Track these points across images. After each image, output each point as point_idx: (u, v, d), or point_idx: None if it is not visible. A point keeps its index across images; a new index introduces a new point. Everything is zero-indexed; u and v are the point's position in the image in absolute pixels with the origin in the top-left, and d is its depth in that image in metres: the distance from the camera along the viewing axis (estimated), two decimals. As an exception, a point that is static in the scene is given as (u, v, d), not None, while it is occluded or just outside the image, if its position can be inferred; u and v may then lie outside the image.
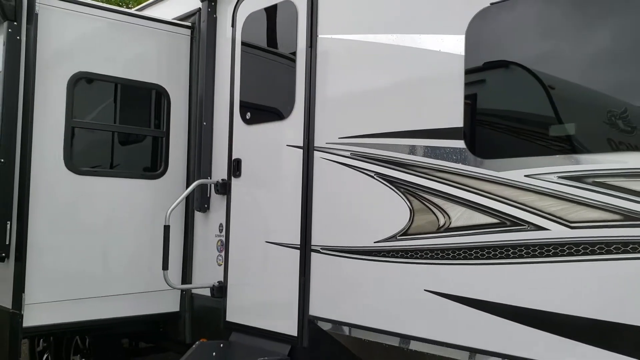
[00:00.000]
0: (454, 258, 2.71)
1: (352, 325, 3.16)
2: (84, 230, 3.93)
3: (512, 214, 2.50)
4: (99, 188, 4.03)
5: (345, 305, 3.23)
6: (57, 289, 3.78)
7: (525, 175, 2.48)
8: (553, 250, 2.37)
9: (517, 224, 2.49)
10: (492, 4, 2.64)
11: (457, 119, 2.75)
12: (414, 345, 2.85)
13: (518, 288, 2.48)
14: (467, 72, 2.71)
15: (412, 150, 2.96)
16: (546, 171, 2.41)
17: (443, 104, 2.82)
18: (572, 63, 2.39)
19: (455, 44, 2.77)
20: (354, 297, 3.19)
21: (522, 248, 2.46)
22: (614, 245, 2.20)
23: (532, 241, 2.43)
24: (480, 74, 2.71)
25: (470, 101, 2.71)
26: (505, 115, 2.66)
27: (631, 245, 2.16)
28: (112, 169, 4.36)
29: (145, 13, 5.02)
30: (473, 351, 2.63)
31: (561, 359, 2.30)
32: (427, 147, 2.90)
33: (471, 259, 2.64)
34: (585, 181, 2.30)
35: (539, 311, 2.40)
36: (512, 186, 2.51)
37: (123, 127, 4.34)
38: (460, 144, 2.73)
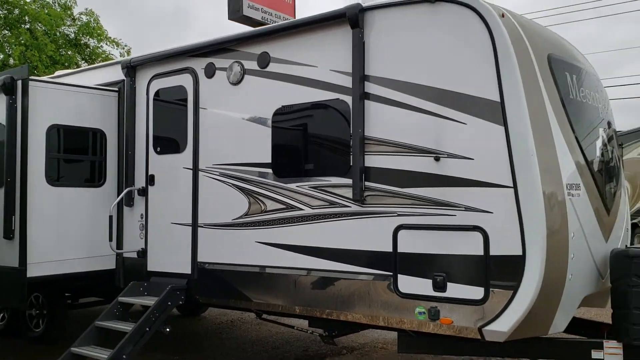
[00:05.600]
0: (267, 225, 5.68)
1: (219, 264, 6.06)
2: (56, 219, 6.49)
3: (290, 203, 5.52)
4: (64, 194, 6.60)
5: (216, 253, 6.10)
6: (44, 254, 6.33)
7: (296, 185, 5.50)
8: (305, 219, 5.40)
9: (292, 207, 5.51)
10: (282, 106, 5.64)
11: (268, 158, 5.72)
12: (250, 268, 5.80)
13: (292, 237, 5.48)
14: (272, 137, 5.70)
15: (250, 173, 5.88)
16: (304, 184, 5.44)
17: (263, 150, 5.75)
18: (315, 140, 5.47)
19: (268, 122, 5.74)
20: (221, 248, 6.07)
21: (294, 219, 5.48)
22: (327, 215, 5.28)
23: (298, 215, 5.45)
24: (277, 139, 5.69)
25: (274, 150, 5.69)
26: (289, 157, 5.68)
27: (331, 215, 5.23)
28: (71, 181, 6.87)
29: (84, 77, 7.58)
30: (279, 267, 5.60)
31: (301, 264, 5.35)
32: (256, 171, 5.83)
33: (274, 225, 5.63)
34: (318, 188, 5.34)
35: (300, 246, 5.42)
36: (290, 190, 5.52)
37: (78, 156, 6.92)
38: (270, 170, 5.71)
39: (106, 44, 21.50)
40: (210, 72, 6.24)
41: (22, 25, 18.50)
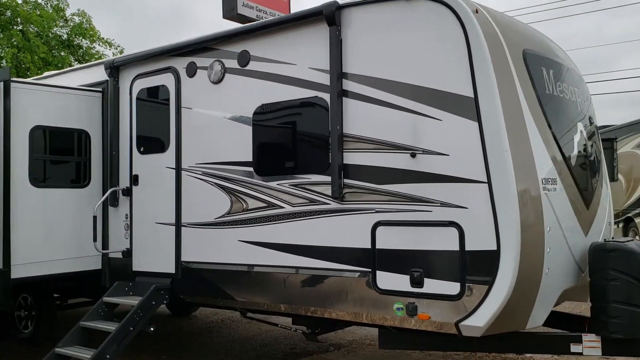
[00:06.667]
0: (249, 224, 5.70)
1: (202, 263, 6.07)
2: (41, 220, 6.50)
3: (271, 201, 5.53)
4: (49, 195, 6.61)
5: (200, 252, 6.12)
6: (28, 255, 6.34)
7: (277, 183, 5.51)
8: (287, 217, 5.42)
9: (273, 205, 5.51)
10: (262, 104, 5.65)
11: (250, 157, 5.73)
12: (233, 267, 5.81)
13: (274, 235, 5.49)
14: (253, 136, 5.71)
15: (232, 171, 5.90)
16: (284, 182, 5.45)
17: (245, 149, 5.76)
18: (295, 138, 5.48)
19: (248, 121, 5.74)
20: (204, 248, 6.08)
21: (275, 217, 5.49)
22: (307, 213, 5.28)
23: (279, 213, 5.46)
24: (258, 137, 5.70)
25: (255, 149, 5.70)
26: (270, 155, 5.69)
27: (311, 212, 5.24)
28: (56, 182, 6.88)
29: (69, 77, 7.59)
30: (262, 266, 5.62)
31: (283, 262, 5.36)
32: (238, 170, 5.84)
33: (256, 223, 5.64)
34: (298, 186, 5.35)
35: (282, 244, 5.43)
36: (271, 189, 5.53)
37: (62, 157, 6.93)
38: (251, 169, 5.72)
39: (99, 44, 21.49)
40: (191, 71, 6.25)
41: (14, 27, 18.50)
